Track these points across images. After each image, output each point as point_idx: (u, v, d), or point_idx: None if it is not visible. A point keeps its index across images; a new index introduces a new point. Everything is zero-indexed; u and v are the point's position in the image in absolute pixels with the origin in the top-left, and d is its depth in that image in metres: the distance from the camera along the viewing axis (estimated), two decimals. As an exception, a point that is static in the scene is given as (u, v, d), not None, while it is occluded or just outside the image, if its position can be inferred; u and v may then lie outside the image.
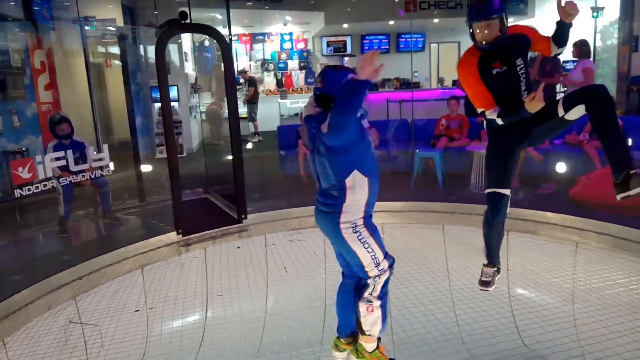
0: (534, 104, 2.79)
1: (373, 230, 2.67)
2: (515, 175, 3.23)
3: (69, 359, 3.36)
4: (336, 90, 2.49)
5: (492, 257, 3.34)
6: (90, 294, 4.12)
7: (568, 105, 2.80)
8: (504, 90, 3.01)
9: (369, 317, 2.76)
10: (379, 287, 2.73)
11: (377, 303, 2.75)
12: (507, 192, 3.10)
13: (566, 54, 7.74)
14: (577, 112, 2.79)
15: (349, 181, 2.54)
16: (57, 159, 4.68)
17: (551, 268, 4.24)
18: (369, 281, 2.72)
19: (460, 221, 5.20)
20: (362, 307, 2.75)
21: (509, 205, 3.16)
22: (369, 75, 2.37)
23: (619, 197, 2.73)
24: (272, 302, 4.04)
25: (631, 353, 3.03)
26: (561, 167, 5.92)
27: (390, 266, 2.74)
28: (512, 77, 2.99)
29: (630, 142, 5.76)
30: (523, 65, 2.98)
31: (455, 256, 4.41)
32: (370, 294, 2.72)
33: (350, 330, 2.97)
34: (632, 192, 2.68)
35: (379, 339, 2.91)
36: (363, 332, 2.82)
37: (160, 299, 4.09)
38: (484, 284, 3.33)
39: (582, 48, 6.56)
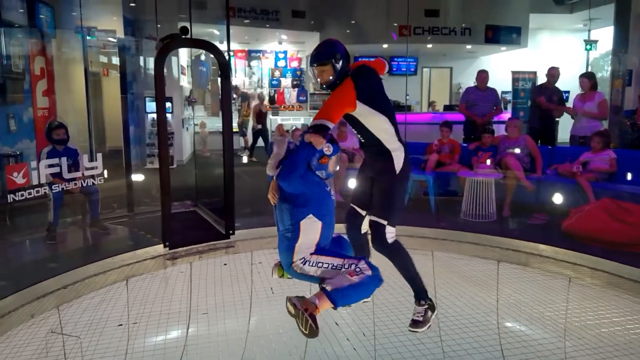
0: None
1: (324, 251, 2.77)
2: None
3: (49, 371, 3.29)
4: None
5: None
6: (74, 303, 4.04)
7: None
8: None
9: (343, 279, 2.64)
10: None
11: (359, 277, 2.63)
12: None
13: (568, 84, 7.95)
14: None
15: (303, 224, 2.73)
16: (51, 165, 4.64)
17: (544, 302, 4.19)
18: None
19: (450, 248, 5.18)
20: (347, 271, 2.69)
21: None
22: (314, 143, 2.68)
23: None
24: (256, 323, 3.98)
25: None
26: (556, 199, 5.91)
27: (372, 269, 2.69)
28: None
29: (629, 176, 5.83)
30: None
31: (445, 284, 4.38)
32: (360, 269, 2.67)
33: None
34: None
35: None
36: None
37: (144, 314, 4.01)
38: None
39: (594, 81, 6.72)
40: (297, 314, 2.57)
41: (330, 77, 2.98)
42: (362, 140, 3.14)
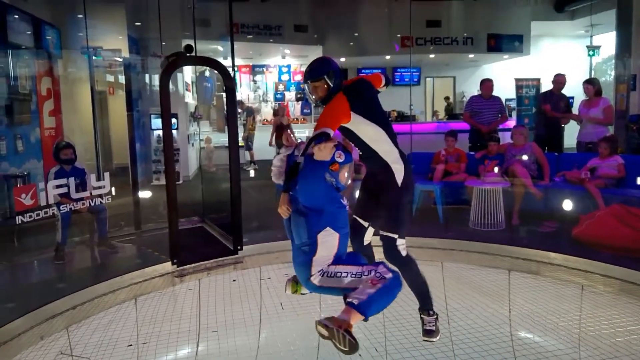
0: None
1: (341, 260, 2.74)
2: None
3: (58, 394, 3.27)
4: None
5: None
6: (83, 324, 4.02)
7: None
8: None
9: (367, 289, 2.59)
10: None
11: (381, 283, 2.59)
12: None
13: (571, 90, 7.94)
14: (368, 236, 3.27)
15: (321, 236, 2.68)
16: (59, 186, 4.67)
17: (557, 311, 4.14)
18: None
19: (459, 259, 5.14)
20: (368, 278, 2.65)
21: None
22: (321, 158, 2.73)
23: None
24: (267, 340, 3.95)
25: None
26: (565, 206, 5.86)
27: (392, 272, 2.66)
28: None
29: (639, 181, 5.80)
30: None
31: (456, 296, 4.34)
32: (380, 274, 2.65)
33: None
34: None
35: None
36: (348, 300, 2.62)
37: (153, 333, 3.99)
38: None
39: (598, 87, 6.75)
40: (332, 333, 2.45)
41: (324, 93, 3.05)
42: (360, 153, 3.20)
